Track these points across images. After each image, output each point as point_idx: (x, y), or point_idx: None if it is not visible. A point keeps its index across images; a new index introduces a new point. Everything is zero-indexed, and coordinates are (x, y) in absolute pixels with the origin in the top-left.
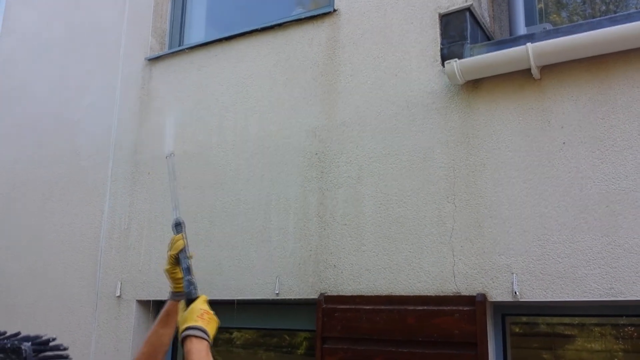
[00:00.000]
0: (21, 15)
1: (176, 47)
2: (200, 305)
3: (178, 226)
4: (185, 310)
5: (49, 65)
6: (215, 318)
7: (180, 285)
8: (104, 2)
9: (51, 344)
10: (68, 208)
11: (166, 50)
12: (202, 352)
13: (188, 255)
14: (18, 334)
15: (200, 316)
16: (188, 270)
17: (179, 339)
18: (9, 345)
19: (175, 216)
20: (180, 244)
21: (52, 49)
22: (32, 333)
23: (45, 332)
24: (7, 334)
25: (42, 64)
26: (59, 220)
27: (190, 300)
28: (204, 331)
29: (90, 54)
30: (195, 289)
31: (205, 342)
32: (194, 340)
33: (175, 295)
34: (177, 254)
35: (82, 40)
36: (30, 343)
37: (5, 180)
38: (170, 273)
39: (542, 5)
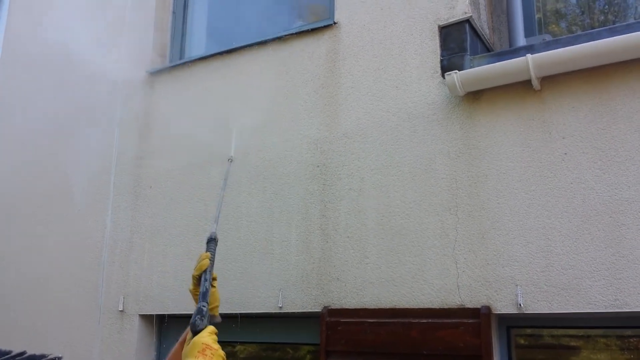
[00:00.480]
0: (22, 30)
1: (177, 60)
2: (205, 339)
3: (210, 242)
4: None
5: (50, 78)
6: (220, 353)
7: (209, 307)
8: (104, 16)
9: None
10: (70, 222)
11: (167, 64)
12: None
13: (211, 276)
14: (24, 353)
15: (201, 351)
16: (204, 296)
17: None
18: None
19: (212, 231)
20: (204, 264)
21: (53, 61)
22: (35, 348)
23: (47, 347)
24: (13, 353)
25: (43, 76)
26: (61, 234)
27: (195, 332)
28: None
29: (92, 67)
30: (202, 318)
31: None
32: None
33: (193, 333)
34: (200, 274)
35: (83, 53)
36: None
37: (6, 194)
38: (194, 294)
39: (540, 15)
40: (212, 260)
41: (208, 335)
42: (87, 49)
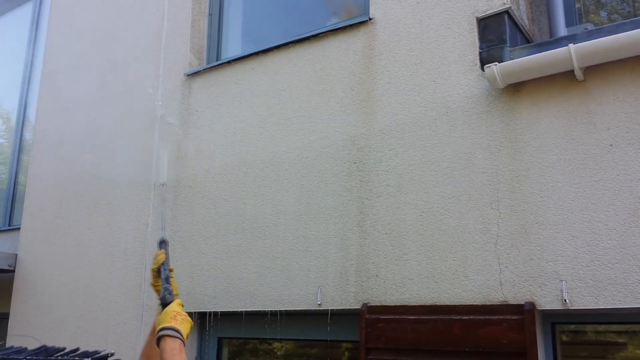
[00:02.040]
0: (63, 37)
1: (214, 62)
2: (174, 307)
3: (162, 243)
4: (160, 314)
5: (91, 84)
6: (188, 319)
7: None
8: (142, 20)
9: (110, 359)
10: (113, 223)
11: (204, 66)
12: (175, 350)
13: (168, 268)
14: (77, 349)
15: (173, 317)
16: (166, 280)
17: (155, 340)
18: None
19: (161, 235)
20: (161, 258)
21: (94, 67)
22: (81, 346)
23: (94, 346)
24: (66, 350)
25: (84, 82)
26: (105, 235)
27: (165, 305)
28: (177, 330)
29: (131, 71)
30: (170, 294)
31: (179, 341)
32: (168, 339)
33: (163, 306)
34: (159, 267)
35: (122, 58)
36: (89, 359)
37: (52, 197)
38: (155, 286)
39: (580, 5)
40: (167, 256)
41: (177, 305)
42: (126, 54)
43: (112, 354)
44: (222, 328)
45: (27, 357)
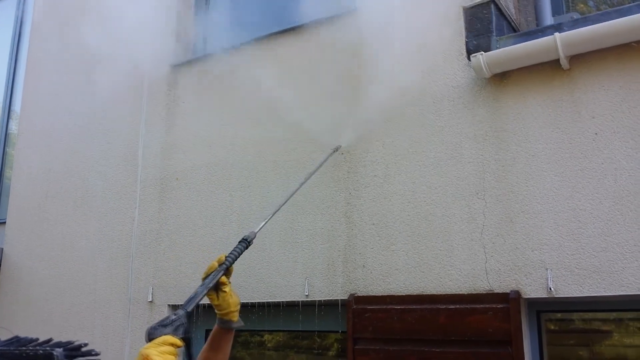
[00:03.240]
0: (48, 28)
1: (200, 52)
2: (147, 350)
3: (241, 242)
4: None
5: (77, 75)
6: None
7: (219, 312)
8: (127, 11)
9: (83, 349)
10: (99, 215)
11: (191, 56)
12: None
13: (214, 281)
14: (50, 340)
15: None
16: (188, 302)
17: None
18: (40, 351)
19: (255, 230)
20: (213, 266)
21: (79, 58)
22: (67, 339)
23: (80, 338)
24: (39, 341)
25: (69, 74)
26: (91, 228)
27: (148, 340)
28: None
29: (117, 62)
30: (159, 327)
31: None
32: None
33: (218, 320)
34: (206, 275)
35: (108, 49)
36: (62, 349)
37: (38, 191)
38: (208, 297)
39: None
40: (226, 263)
41: (153, 346)
42: (112, 44)
43: (85, 344)
44: (210, 320)
45: None
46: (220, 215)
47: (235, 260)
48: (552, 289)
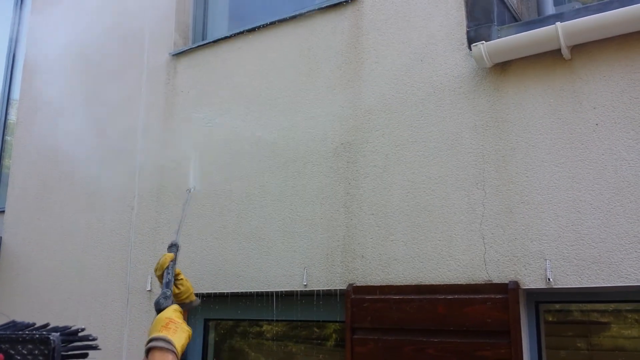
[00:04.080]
0: (46, 16)
1: (199, 41)
2: (167, 314)
3: (171, 247)
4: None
5: (74, 65)
6: (185, 327)
7: (180, 299)
8: (126, 0)
9: (80, 334)
10: (98, 204)
11: (190, 45)
12: None
13: (174, 271)
14: (47, 325)
15: (165, 326)
16: (167, 285)
17: (145, 352)
18: (37, 336)
19: (174, 239)
20: (164, 261)
21: (77, 48)
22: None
23: (79, 327)
24: (36, 325)
25: (68, 63)
26: (90, 217)
27: (159, 311)
28: (168, 341)
29: (115, 51)
30: (166, 298)
31: (170, 354)
32: (157, 352)
33: (182, 305)
34: (162, 272)
35: (106, 39)
36: (58, 334)
37: (37, 179)
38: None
39: None
40: (174, 260)
41: (172, 312)
42: (111, 34)
43: (82, 329)
44: (209, 310)
45: None
46: (219, 205)
47: (176, 262)
48: (551, 279)
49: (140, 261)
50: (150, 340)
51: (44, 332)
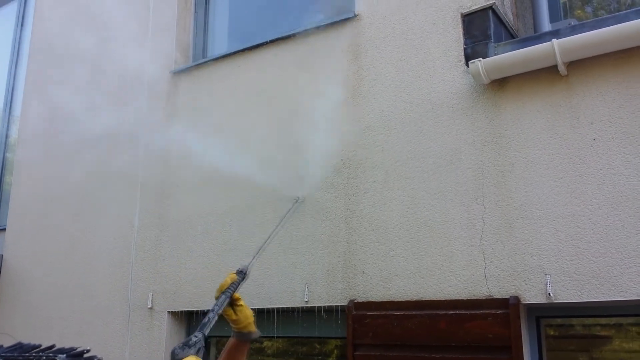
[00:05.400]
0: (48, 34)
1: (200, 59)
2: None
3: (239, 273)
4: None
5: (77, 82)
6: None
7: (237, 326)
8: (128, 18)
9: (85, 355)
10: (99, 222)
11: (190, 63)
12: None
13: (220, 306)
14: (53, 346)
15: None
16: (202, 327)
17: None
18: (44, 358)
19: (245, 264)
20: (225, 284)
21: (79, 66)
22: (67, 345)
23: (80, 344)
24: (42, 347)
25: (70, 80)
26: (91, 234)
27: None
28: None
29: (117, 69)
30: (184, 347)
31: None
32: None
33: (236, 333)
34: (220, 294)
35: (107, 57)
36: (65, 355)
37: (38, 197)
38: (225, 314)
39: (566, 0)
40: (235, 284)
41: None
42: (112, 52)
43: (88, 350)
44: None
45: (1, 354)
46: (220, 221)
47: (237, 288)
48: (551, 294)
49: (142, 279)
50: None
51: (51, 354)
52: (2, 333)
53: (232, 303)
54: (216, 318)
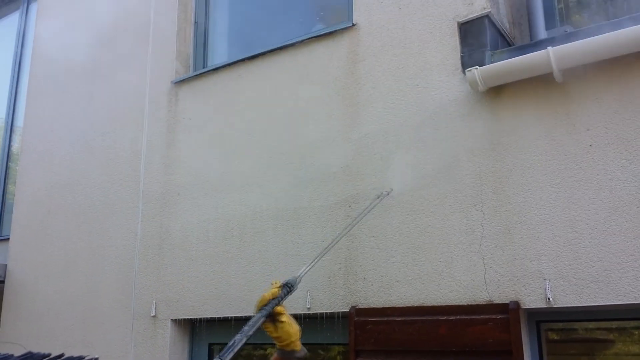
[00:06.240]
0: (49, 45)
1: (200, 69)
2: None
3: (284, 286)
4: None
5: (78, 93)
6: None
7: (279, 344)
8: (129, 29)
9: None
10: (102, 231)
11: (191, 73)
12: None
13: (271, 310)
14: (62, 355)
15: None
16: (228, 349)
17: None
18: None
19: (294, 278)
20: (264, 298)
21: (80, 76)
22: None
23: (85, 353)
24: (52, 356)
25: (71, 91)
26: (94, 243)
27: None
28: None
29: (118, 80)
30: (229, 350)
31: None
32: None
33: (279, 350)
34: (260, 309)
35: (109, 67)
36: None
37: (41, 207)
38: (265, 329)
39: (562, 6)
40: (273, 302)
41: None
42: (113, 63)
43: (96, 359)
44: (213, 334)
45: None
46: (221, 230)
47: (279, 303)
48: (551, 299)
49: (145, 287)
50: None
51: None
52: (13, 343)
53: (274, 319)
54: (244, 341)
